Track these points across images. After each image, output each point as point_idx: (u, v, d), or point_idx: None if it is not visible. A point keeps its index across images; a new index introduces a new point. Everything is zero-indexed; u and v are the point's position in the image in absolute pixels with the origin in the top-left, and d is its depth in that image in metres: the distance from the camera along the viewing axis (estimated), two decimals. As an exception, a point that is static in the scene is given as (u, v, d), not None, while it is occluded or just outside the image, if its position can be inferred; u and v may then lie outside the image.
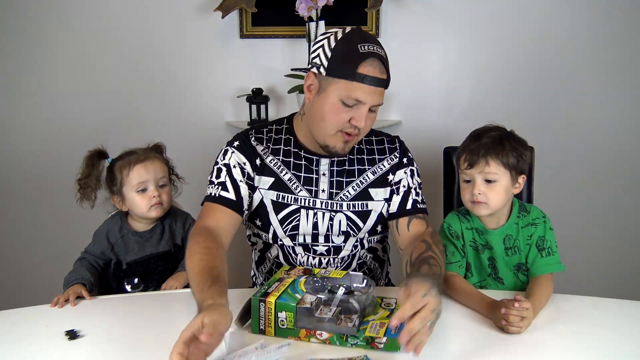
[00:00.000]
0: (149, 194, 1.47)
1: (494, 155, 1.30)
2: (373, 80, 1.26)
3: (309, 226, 1.39)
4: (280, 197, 1.39)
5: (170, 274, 1.50)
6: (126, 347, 1.10)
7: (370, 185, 1.41)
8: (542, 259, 1.32)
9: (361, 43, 1.26)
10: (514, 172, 1.32)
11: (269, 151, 1.42)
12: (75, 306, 1.28)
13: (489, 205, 1.32)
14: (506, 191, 1.32)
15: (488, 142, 1.31)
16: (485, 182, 1.31)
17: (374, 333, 1.06)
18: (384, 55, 1.29)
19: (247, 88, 2.37)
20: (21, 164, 2.48)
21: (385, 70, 1.28)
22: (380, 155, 1.45)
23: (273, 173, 1.40)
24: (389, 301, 1.20)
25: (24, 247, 2.56)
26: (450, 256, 1.37)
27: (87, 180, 1.50)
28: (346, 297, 1.13)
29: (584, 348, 1.09)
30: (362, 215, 1.40)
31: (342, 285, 1.18)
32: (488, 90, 2.42)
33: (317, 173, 1.40)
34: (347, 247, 1.42)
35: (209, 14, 2.32)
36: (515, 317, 1.12)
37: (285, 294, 1.13)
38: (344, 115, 1.29)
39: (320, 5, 2.11)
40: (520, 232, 1.36)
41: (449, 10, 2.36)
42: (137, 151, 1.52)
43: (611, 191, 2.48)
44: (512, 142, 1.33)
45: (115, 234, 1.52)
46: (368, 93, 1.26)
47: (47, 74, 2.41)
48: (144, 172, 1.47)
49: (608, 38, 2.35)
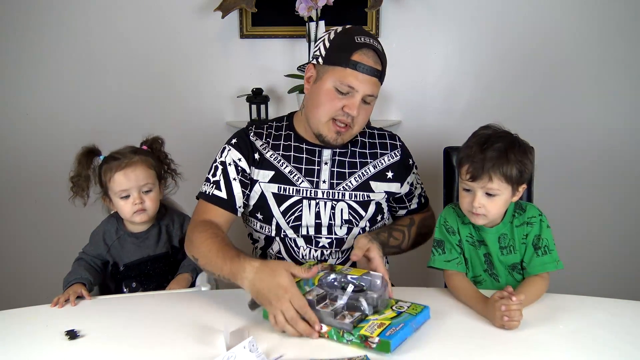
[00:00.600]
0: (130, 200, 1.45)
1: (498, 171, 1.26)
2: (366, 68, 1.30)
3: (311, 216, 1.41)
4: (282, 189, 1.42)
5: (167, 276, 1.49)
6: (126, 347, 1.10)
7: (371, 178, 1.45)
8: (539, 258, 1.31)
9: (358, 35, 1.32)
10: (516, 185, 1.29)
11: (269, 146, 1.45)
12: (75, 306, 1.28)
13: (488, 216, 1.31)
14: (506, 203, 1.31)
15: (493, 156, 1.26)
16: (486, 194, 1.29)
17: (369, 332, 1.06)
18: (381, 49, 1.34)
19: (247, 88, 2.37)
20: (21, 164, 2.48)
21: (380, 62, 1.33)
22: (382, 149, 1.49)
23: (273, 167, 1.42)
24: (403, 304, 1.18)
25: (24, 247, 2.56)
26: (448, 253, 1.37)
27: (79, 178, 1.49)
28: (355, 295, 1.13)
29: (584, 348, 1.09)
30: (364, 205, 1.44)
31: (353, 283, 1.18)
32: (488, 90, 2.42)
33: (318, 164, 1.43)
34: (350, 240, 1.43)
35: (209, 14, 2.32)
36: (515, 311, 1.13)
37: (297, 285, 1.13)
38: (337, 102, 1.33)
39: (320, 5, 2.11)
40: (515, 231, 1.35)
41: (449, 10, 2.36)
42: (121, 155, 1.48)
43: (611, 191, 2.48)
44: (517, 153, 1.27)
45: (112, 235, 1.51)
46: (361, 81, 1.30)
47: (47, 74, 2.41)
48: (124, 180, 1.45)
49: (609, 38, 2.35)
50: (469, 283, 1.33)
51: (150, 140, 1.56)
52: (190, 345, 1.11)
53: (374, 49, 1.32)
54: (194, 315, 1.22)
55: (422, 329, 1.16)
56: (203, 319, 1.21)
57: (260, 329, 1.14)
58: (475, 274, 1.41)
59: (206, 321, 1.19)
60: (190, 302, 1.31)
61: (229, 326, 1.11)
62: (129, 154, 1.48)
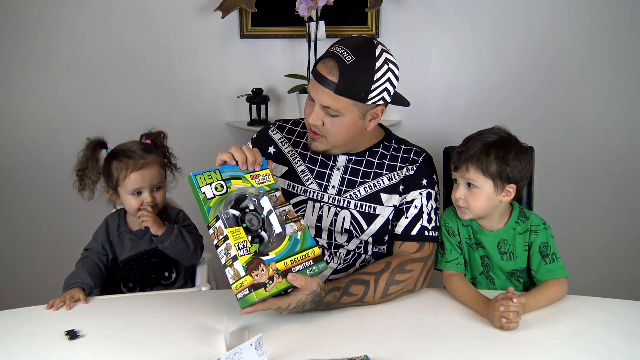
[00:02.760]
0: (142, 198, 1.46)
1: (475, 163, 1.29)
2: (320, 77, 1.28)
3: (313, 218, 1.41)
4: (291, 186, 1.43)
5: (162, 272, 1.50)
6: (126, 347, 1.10)
7: (383, 190, 1.41)
8: (547, 265, 1.31)
9: (336, 43, 1.31)
10: (498, 181, 1.29)
11: (289, 142, 1.47)
12: (70, 310, 1.27)
13: (470, 210, 1.32)
14: (488, 199, 1.30)
15: (474, 149, 1.30)
16: (467, 186, 1.31)
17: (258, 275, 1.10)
18: (349, 61, 1.24)
19: (247, 88, 2.37)
20: (21, 164, 2.48)
21: (337, 74, 1.25)
22: (401, 163, 1.43)
23: (287, 162, 1.45)
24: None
25: (24, 247, 2.55)
26: (448, 254, 1.37)
27: (86, 170, 1.47)
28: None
29: (584, 348, 1.09)
30: (368, 218, 1.40)
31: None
32: (488, 90, 2.42)
33: (331, 169, 1.42)
34: (350, 247, 1.42)
35: (209, 14, 2.32)
36: (513, 313, 1.13)
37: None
38: (308, 109, 1.35)
39: (320, 5, 2.11)
40: (517, 238, 1.35)
41: (449, 10, 2.36)
42: (133, 152, 1.47)
43: (611, 191, 2.48)
44: (502, 150, 1.28)
45: (114, 230, 1.53)
46: (314, 89, 1.30)
47: (47, 74, 2.41)
48: (140, 180, 1.45)
49: (608, 37, 2.35)
50: (469, 284, 1.33)
51: (155, 134, 1.55)
52: (190, 345, 1.11)
53: (336, 59, 1.25)
54: (194, 315, 1.23)
55: (422, 329, 1.16)
56: (203, 319, 1.21)
57: (260, 329, 1.14)
58: (472, 275, 1.41)
59: (206, 321, 1.19)
60: (190, 302, 1.31)
61: (229, 326, 1.11)
62: (141, 152, 1.48)
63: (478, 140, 1.31)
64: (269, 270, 1.11)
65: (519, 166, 1.30)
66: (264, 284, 1.10)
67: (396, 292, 1.30)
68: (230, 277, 1.11)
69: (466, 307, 1.26)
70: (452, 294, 1.32)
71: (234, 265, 1.10)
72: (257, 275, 1.10)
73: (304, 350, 1.07)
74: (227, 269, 1.12)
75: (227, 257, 1.11)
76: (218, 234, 1.14)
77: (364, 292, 1.27)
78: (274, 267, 1.12)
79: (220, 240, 1.13)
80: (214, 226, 1.14)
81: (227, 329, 1.09)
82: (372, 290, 1.27)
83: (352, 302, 1.26)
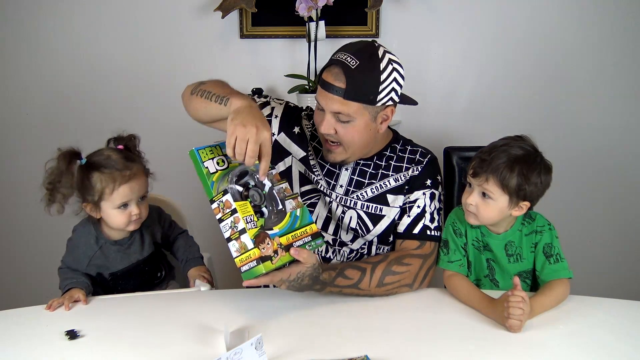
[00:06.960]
0: (129, 210, 1.36)
1: (497, 176, 1.26)
2: (327, 85, 1.28)
3: (325, 210, 1.43)
4: (307, 173, 1.45)
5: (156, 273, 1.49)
6: (126, 347, 1.10)
7: (389, 191, 1.41)
8: (551, 266, 1.30)
9: (339, 51, 1.30)
10: (515, 197, 1.27)
11: (310, 133, 1.47)
12: (69, 310, 1.26)
13: (478, 217, 1.31)
14: (500, 211, 1.29)
15: (498, 160, 1.26)
16: (482, 194, 1.29)
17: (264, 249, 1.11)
18: (353, 65, 1.25)
19: (247, 88, 2.36)
20: (21, 164, 2.47)
21: (344, 79, 1.25)
22: (407, 164, 1.43)
23: (307, 149, 1.45)
24: None
25: (24, 247, 2.55)
26: (452, 254, 1.37)
27: (58, 184, 1.34)
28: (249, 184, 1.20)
29: (584, 348, 1.09)
30: (374, 218, 1.41)
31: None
32: (488, 90, 2.42)
33: (340, 168, 1.43)
34: (354, 247, 1.43)
35: (209, 14, 2.32)
36: (515, 308, 1.12)
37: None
38: (318, 118, 1.34)
39: (320, 5, 2.11)
40: (523, 240, 1.34)
41: (449, 10, 2.36)
42: (116, 162, 1.35)
43: (612, 191, 2.48)
44: (526, 167, 1.26)
45: (92, 246, 1.40)
46: (323, 97, 1.30)
47: (47, 74, 2.41)
48: (129, 192, 1.35)
49: (609, 38, 2.35)
50: (472, 284, 1.33)
51: (126, 138, 1.44)
52: (190, 345, 1.11)
53: (341, 66, 1.26)
54: (194, 315, 1.23)
55: (422, 329, 1.16)
56: (203, 319, 1.21)
57: (260, 329, 1.14)
58: (477, 277, 1.41)
59: (206, 321, 1.19)
60: (190, 302, 1.31)
61: (229, 326, 1.11)
62: (124, 161, 1.36)
63: (504, 152, 1.27)
64: (273, 244, 1.13)
65: (539, 185, 1.28)
66: (269, 257, 1.12)
67: (392, 283, 1.30)
68: (235, 250, 1.13)
69: (466, 307, 1.26)
70: (453, 293, 1.32)
71: (240, 238, 1.12)
72: (264, 249, 1.12)
73: (304, 350, 1.07)
74: (232, 242, 1.13)
75: (234, 231, 1.13)
76: (225, 207, 1.15)
77: (360, 278, 1.28)
78: (277, 242, 1.14)
79: (226, 214, 1.14)
80: (219, 200, 1.15)
81: (227, 329, 1.09)
82: (367, 277, 1.29)
83: (348, 287, 1.28)
